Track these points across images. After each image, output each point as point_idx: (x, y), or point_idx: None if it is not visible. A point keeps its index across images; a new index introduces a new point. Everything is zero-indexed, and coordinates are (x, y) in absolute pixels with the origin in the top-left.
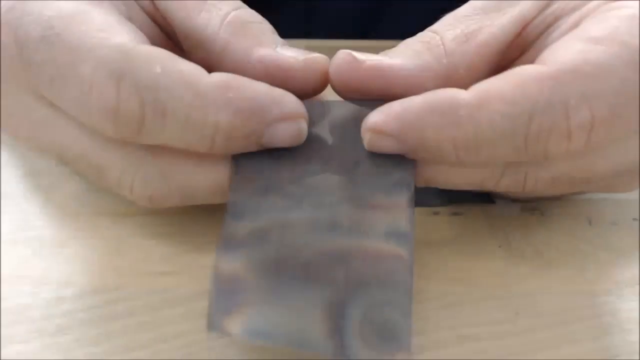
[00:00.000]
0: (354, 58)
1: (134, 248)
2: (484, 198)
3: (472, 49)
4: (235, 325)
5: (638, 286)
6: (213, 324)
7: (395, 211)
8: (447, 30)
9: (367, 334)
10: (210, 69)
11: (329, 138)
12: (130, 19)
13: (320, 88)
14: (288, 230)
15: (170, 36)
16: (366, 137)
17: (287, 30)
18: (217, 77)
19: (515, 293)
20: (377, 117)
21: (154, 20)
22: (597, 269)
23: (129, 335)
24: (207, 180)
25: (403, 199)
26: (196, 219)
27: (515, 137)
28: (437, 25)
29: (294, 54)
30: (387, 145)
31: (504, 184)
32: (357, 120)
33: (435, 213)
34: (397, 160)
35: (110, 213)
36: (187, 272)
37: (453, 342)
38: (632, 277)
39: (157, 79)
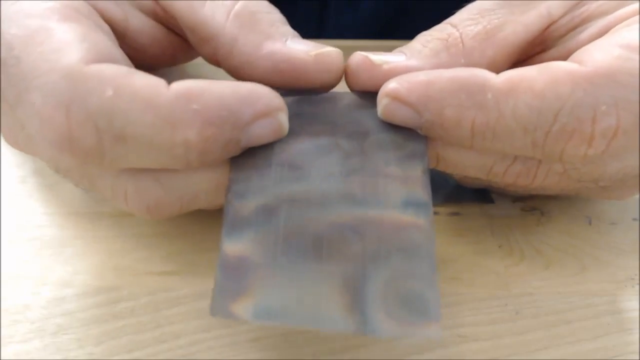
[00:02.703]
0: (371, 62)
1: (134, 248)
2: (483, 197)
3: (492, 47)
4: (244, 309)
5: (638, 286)
6: (217, 309)
7: (410, 181)
8: (467, 25)
9: (391, 307)
10: (219, 64)
11: (336, 115)
12: (123, 21)
13: (334, 84)
14: (296, 204)
15: (177, 33)
16: (382, 103)
17: (301, 23)
18: (177, 87)
19: (515, 293)
20: (399, 83)
21: (158, 18)
22: (597, 269)
23: (129, 335)
24: (207, 181)
25: (418, 169)
26: (196, 219)
27: (536, 132)
28: (458, 18)
29: (305, 48)
30: (403, 115)
31: (514, 172)
32: (367, 100)
33: (435, 213)
34: (408, 134)
35: (110, 213)
36: (187, 272)
37: (453, 342)
38: (632, 277)
39: (110, 103)
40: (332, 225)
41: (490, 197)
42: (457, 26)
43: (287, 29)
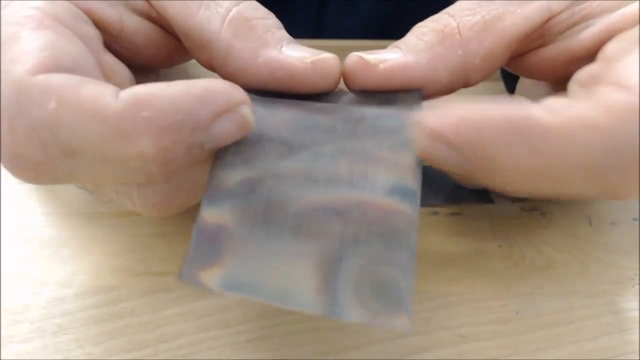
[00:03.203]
0: (367, 62)
1: (134, 248)
2: (483, 198)
3: (490, 38)
4: (212, 278)
5: (638, 286)
6: (186, 275)
7: (401, 167)
8: (465, 15)
9: (363, 293)
10: (214, 70)
11: (332, 102)
12: (118, 22)
13: (331, 90)
14: (281, 179)
15: (173, 34)
16: (422, 145)
17: (300, 26)
18: (125, 95)
19: (515, 293)
20: (442, 121)
21: (153, 20)
22: (597, 269)
23: (129, 335)
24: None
25: (410, 157)
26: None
27: (608, 174)
28: (456, 8)
29: (301, 55)
30: (443, 153)
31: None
32: (366, 95)
33: (435, 213)
34: (405, 123)
35: (109, 213)
36: None
37: (453, 342)
38: (632, 277)
39: (53, 116)
40: (315, 204)
41: (490, 197)
42: (455, 16)
43: (283, 34)
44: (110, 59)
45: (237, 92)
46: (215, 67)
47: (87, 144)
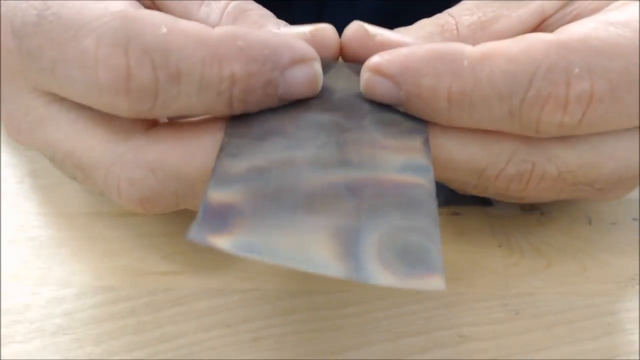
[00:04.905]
0: (366, 31)
1: (134, 248)
2: (483, 200)
3: (486, 38)
4: (223, 242)
5: (638, 286)
6: (194, 235)
7: (409, 149)
8: (464, 15)
9: (387, 258)
10: None
11: (336, 93)
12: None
13: (333, 59)
14: (289, 165)
15: None
16: (364, 77)
17: (298, 23)
18: (223, 29)
19: (515, 293)
20: (380, 57)
21: None
22: (597, 269)
23: (129, 335)
24: (202, 165)
25: (417, 140)
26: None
27: (511, 98)
28: (456, 9)
29: (298, 30)
30: (384, 88)
31: (507, 176)
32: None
33: None
34: (407, 115)
35: (110, 213)
36: (188, 272)
37: (453, 342)
38: (632, 277)
39: (165, 40)
40: (326, 184)
41: (489, 199)
42: (454, 15)
43: (280, 20)
44: None
45: (313, 52)
46: None
47: (193, 65)
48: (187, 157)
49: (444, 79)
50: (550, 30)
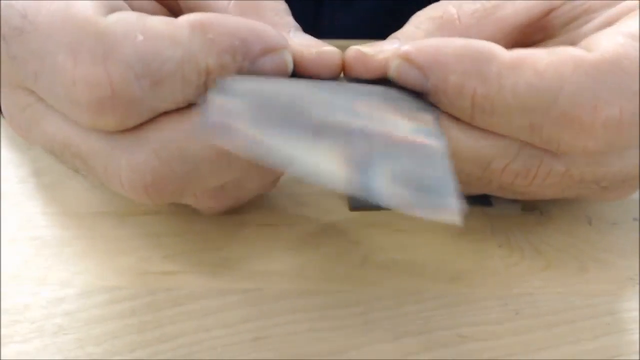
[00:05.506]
0: (364, 54)
1: (135, 248)
2: (483, 201)
3: (490, 26)
4: (226, 137)
5: (638, 286)
6: (197, 125)
7: (421, 121)
8: (466, 3)
9: (400, 183)
10: None
11: (342, 82)
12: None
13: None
14: (300, 102)
15: (176, 14)
16: (394, 63)
17: (297, 22)
18: (192, 20)
19: (515, 293)
20: (411, 46)
21: (160, 1)
22: (597, 269)
23: (130, 335)
24: (208, 148)
25: (428, 115)
26: (196, 219)
27: (534, 113)
28: None
29: (308, 43)
30: (411, 76)
31: (513, 170)
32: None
33: None
34: (417, 95)
35: (110, 213)
36: (188, 271)
37: (453, 342)
38: (632, 277)
39: (143, 48)
40: (337, 122)
41: (490, 200)
42: (455, 3)
43: (290, 20)
44: (125, 5)
45: (283, 40)
46: None
47: (172, 68)
48: (192, 133)
49: (470, 79)
50: (559, 22)
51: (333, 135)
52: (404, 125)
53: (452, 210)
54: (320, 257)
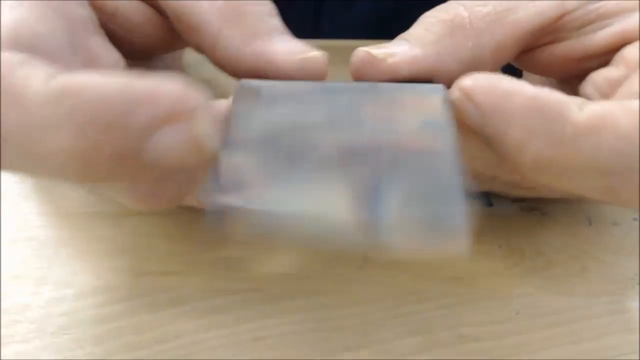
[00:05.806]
0: (374, 57)
1: (134, 248)
2: (483, 200)
3: (502, 30)
4: (236, 198)
5: (638, 286)
6: (207, 195)
7: (427, 108)
8: (477, 5)
9: (408, 223)
10: (206, 55)
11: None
12: (110, 3)
13: None
14: (302, 130)
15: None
16: (454, 94)
17: (297, 27)
18: (57, 81)
19: (515, 293)
20: (474, 82)
21: (147, 2)
22: (597, 269)
23: (129, 335)
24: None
25: (436, 98)
26: (196, 219)
27: (614, 176)
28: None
29: (290, 49)
30: (471, 113)
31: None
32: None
33: None
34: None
35: (110, 213)
36: (188, 272)
37: (453, 342)
38: (632, 277)
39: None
40: (340, 146)
41: (490, 201)
42: (465, 5)
43: (275, 23)
44: (98, 42)
45: (193, 98)
46: (205, 52)
47: (13, 133)
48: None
49: (536, 139)
50: (572, 26)
51: (337, 163)
52: (412, 121)
53: (459, 242)
54: (320, 257)
